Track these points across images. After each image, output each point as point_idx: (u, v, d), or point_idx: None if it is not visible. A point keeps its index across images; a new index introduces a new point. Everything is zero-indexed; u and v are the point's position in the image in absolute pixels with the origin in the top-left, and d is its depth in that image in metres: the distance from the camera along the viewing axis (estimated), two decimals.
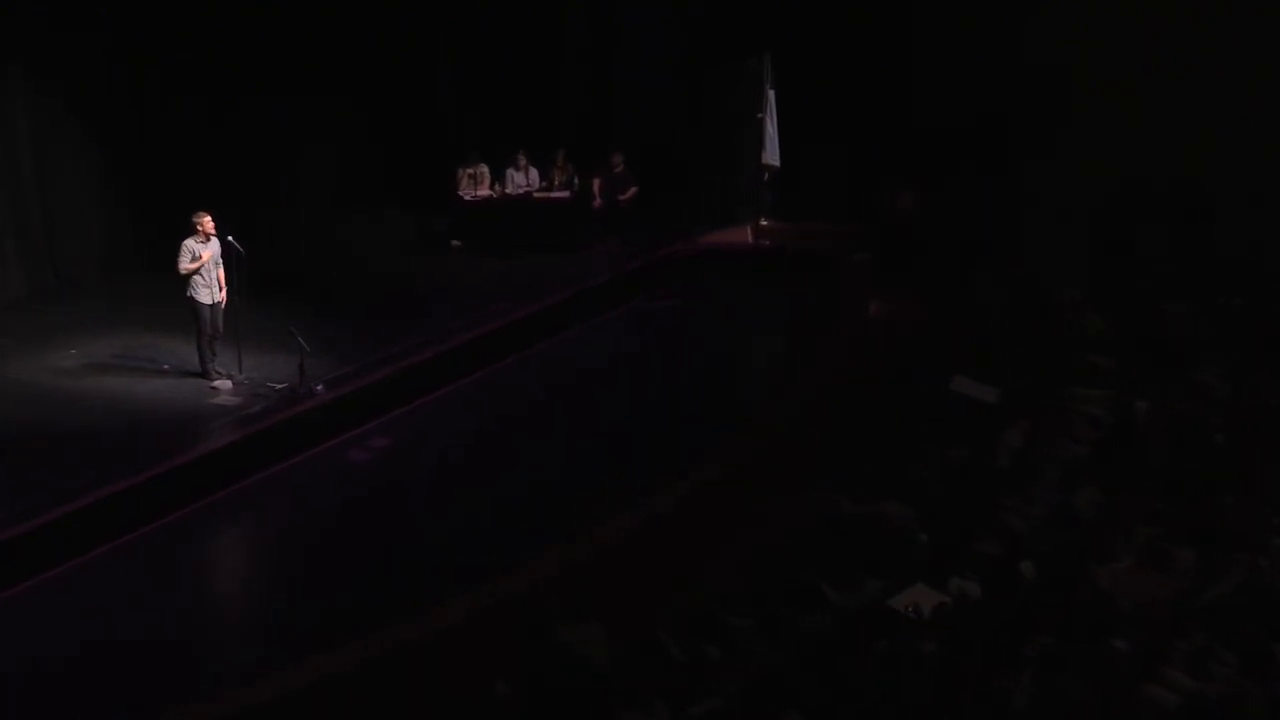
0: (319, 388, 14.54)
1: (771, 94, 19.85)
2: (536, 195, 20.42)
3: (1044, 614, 8.79)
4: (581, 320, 17.91)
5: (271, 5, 18.73)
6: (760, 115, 19.90)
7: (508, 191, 20.44)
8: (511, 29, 21.68)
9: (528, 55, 21.85)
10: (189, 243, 14.59)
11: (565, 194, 20.40)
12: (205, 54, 18.69)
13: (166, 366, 15.27)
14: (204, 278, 14.62)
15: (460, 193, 20.38)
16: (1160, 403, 12.50)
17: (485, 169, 20.54)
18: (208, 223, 14.63)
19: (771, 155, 20.01)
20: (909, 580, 9.50)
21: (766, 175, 20.23)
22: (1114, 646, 8.44)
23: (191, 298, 14.66)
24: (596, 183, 20.58)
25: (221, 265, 14.78)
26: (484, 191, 20.40)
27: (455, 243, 20.29)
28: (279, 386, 14.60)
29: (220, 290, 14.79)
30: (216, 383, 14.69)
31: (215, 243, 14.68)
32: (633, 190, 20.48)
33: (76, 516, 11.98)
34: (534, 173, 20.53)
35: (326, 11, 19.51)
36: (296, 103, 19.96)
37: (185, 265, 14.57)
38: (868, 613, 9.09)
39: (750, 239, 20.31)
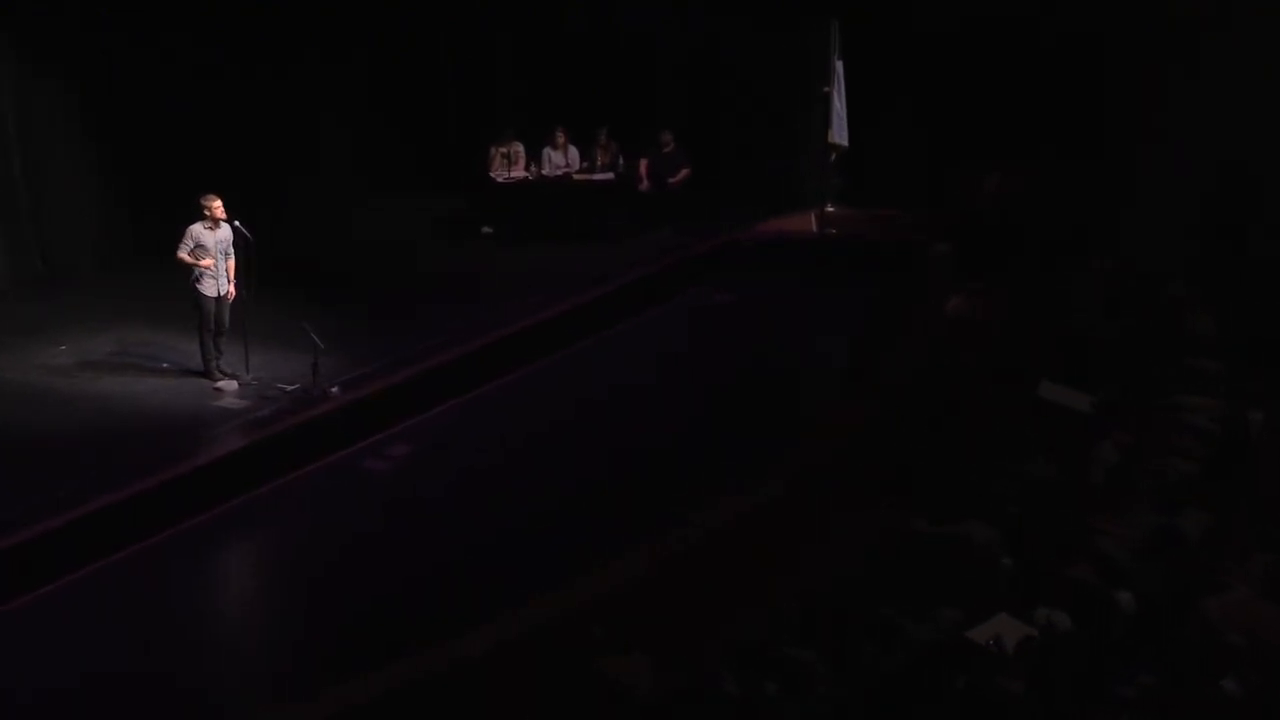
0: (333, 390, 14.59)
1: (839, 65, 19.78)
2: (577, 177, 20.44)
3: (1144, 650, 8.71)
4: (626, 317, 17.93)
5: None
6: (827, 89, 19.85)
7: (545, 173, 20.47)
8: None
9: (569, 24, 21.87)
10: (194, 228, 14.64)
11: (609, 176, 20.41)
12: (206, 24, 18.82)
13: (166, 365, 15.37)
14: (210, 266, 14.64)
15: (492, 174, 20.41)
16: (1277, 413, 12.39)
17: (520, 148, 20.57)
18: (217, 207, 14.66)
19: (839, 134, 19.95)
20: (990, 610, 9.43)
21: (833, 156, 20.18)
22: (1224, 688, 8.36)
23: (195, 289, 14.71)
24: (644, 163, 20.57)
25: (233, 256, 14.81)
26: (519, 173, 20.44)
27: (486, 229, 20.34)
28: (289, 388, 14.66)
29: (229, 283, 14.82)
30: (221, 383, 14.75)
31: (225, 230, 14.71)
32: (684, 172, 20.47)
33: (62, 531, 12.05)
34: (574, 152, 20.54)
35: None
36: (308, 75, 20.07)
37: (182, 254, 14.60)
38: (944, 646, 9.03)
39: (815, 227, 20.28)
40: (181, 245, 14.60)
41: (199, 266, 14.56)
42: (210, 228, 14.63)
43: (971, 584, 9.93)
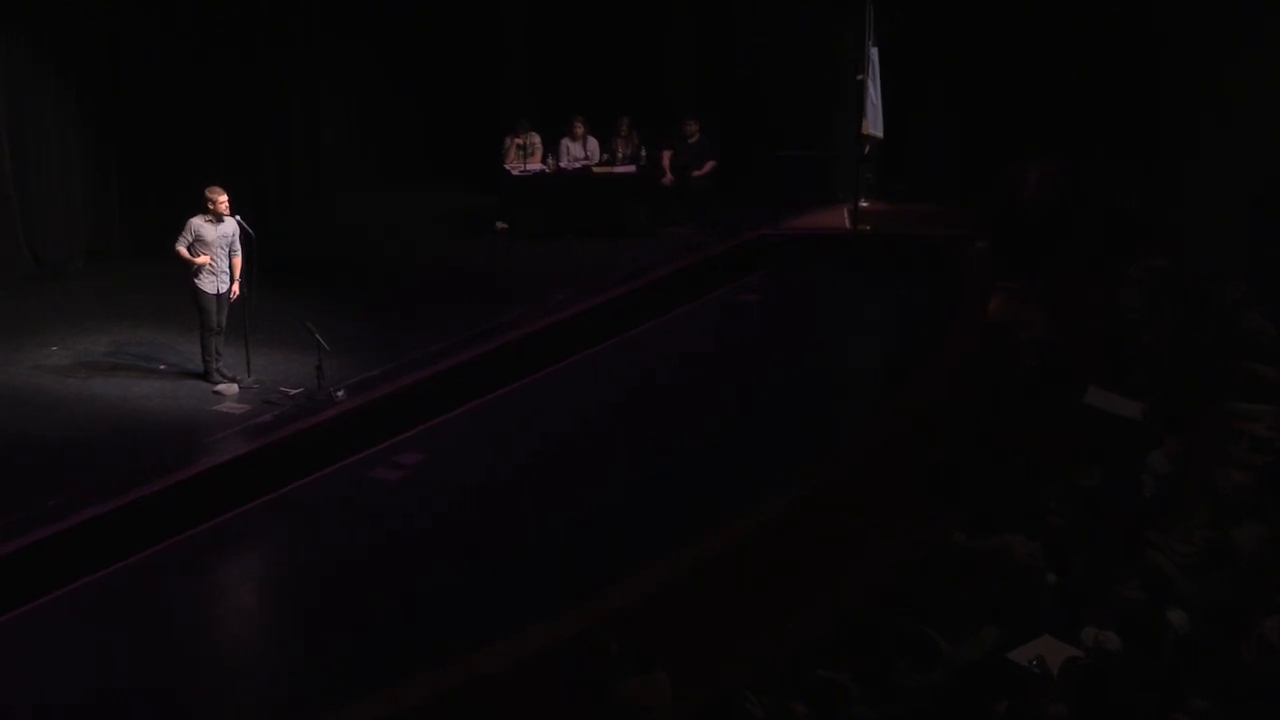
0: (340, 394, 14.57)
1: (874, 51, 19.68)
2: (596, 170, 20.41)
3: (1198, 673, 8.67)
4: (649, 318, 17.89)
5: None
6: (860, 77, 19.77)
7: (562, 165, 20.44)
8: None
9: (587, 6, 21.87)
10: (195, 221, 14.58)
11: (630, 168, 20.38)
12: (207, 8, 18.87)
13: (163, 366, 15.35)
14: (210, 261, 14.62)
15: (507, 166, 20.39)
16: None
17: (537, 139, 20.56)
18: (222, 201, 14.59)
19: (873, 124, 19.86)
20: (1034, 629, 9.41)
21: (867, 148, 20.10)
22: None
23: (194, 285, 14.69)
24: (667, 155, 20.55)
25: (240, 253, 14.77)
26: (535, 165, 20.41)
27: (501, 225, 20.32)
28: (293, 392, 14.63)
29: (232, 281, 14.79)
30: (220, 386, 14.74)
31: (230, 225, 14.67)
32: (710, 164, 20.44)
33: (51, 544, 11.99)
34: (593, 143, 20.52)
35: None
36: (312, 63, 20.10)
37: (180, 248, 14.54)
38: (984, 667, 9.00)
39: (848, 223, 20.22)
40: (180, 238, 14.55)
41: (195, 262, 14.53)
42: (212, 221, 14.59)
43: (1013, 601, 9.92)
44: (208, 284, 14.65)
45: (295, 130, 20.60)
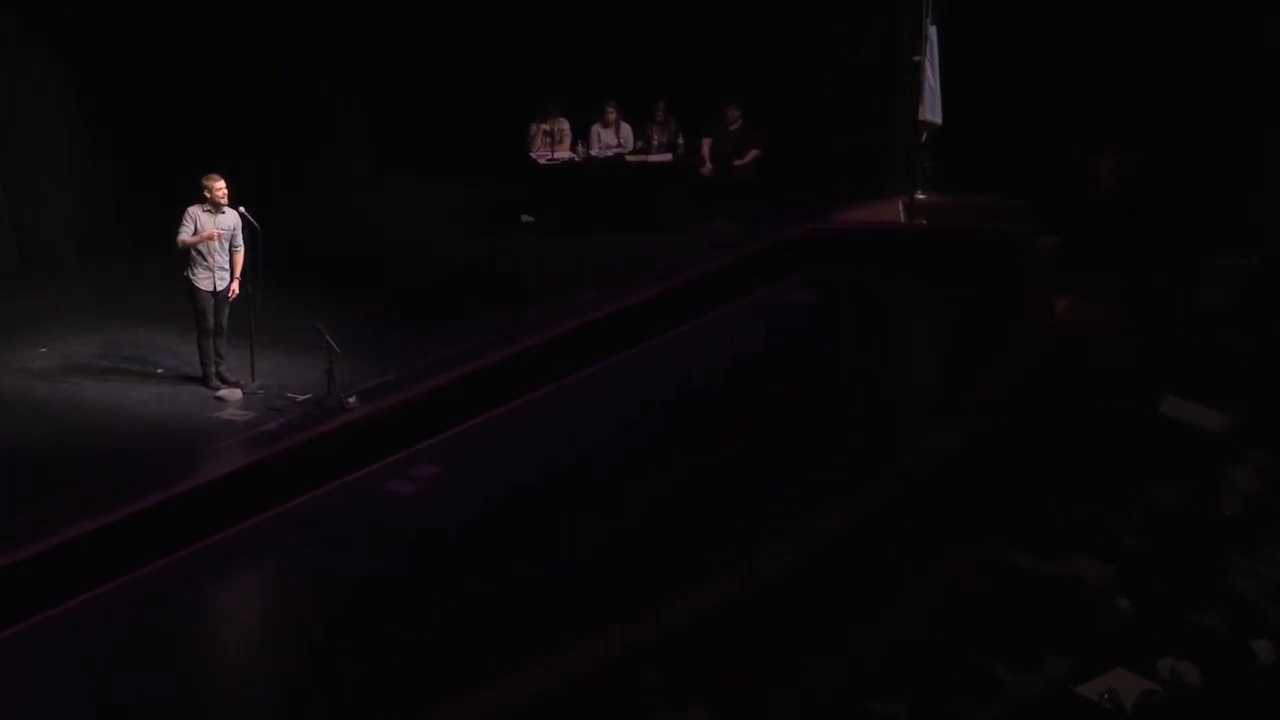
0: (351, 400, 14.60)
1: (933, 31, 19.67)
2: (630, 158, 20.42)
3: None
4: (685, 320, 17.89)
5: None
6: (917, 59, 19.76)
7: (593, 153, 20.46)
8: None
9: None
10: (193, 209, 14.63)
11: (667, 157, 20.38)
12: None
13: (161, 370, 15.41)
14: (205, 257, 14.67)
15: (534, 154, 20.43)
16: None
17: (566, 125, 20.58)
18: (219, 188, 14.64)
19: (931, 110, 19.85)
20: (1106, 660, 9.39)
21: (924, 136, 20.09)
22: None
23: (189, 280, 14.72)
24: (707, 143, 20.54)
25: (242, 248, 14.81)
26: (564, 153, 20.44)
27: (526, 217, 20.34)
28: (301, 398, 14.69)
29: (232, 279, 14.82)
30: (222, 392, 14.79)
31: (231, 217, 14.71)
32: (753, 153, 20.43)
33: (38, 562, 12.04)
34: (627, 129, 20.53)
35: None
36: (321, 43, 20.15)
37: (185, 236, 14.61)
38: (1051, 701, 8.98)
39: (903, 217, 20.21)
40: (182, 228, 14.59)
41: (200, 239, 14.50)
42: (210, 211, 14.62)
43: (1083, 630, 9.88)
44: (203, 280, 14.67)
45: (305, 117, 20.64)
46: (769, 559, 12.33)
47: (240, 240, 14.76)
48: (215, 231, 14.58)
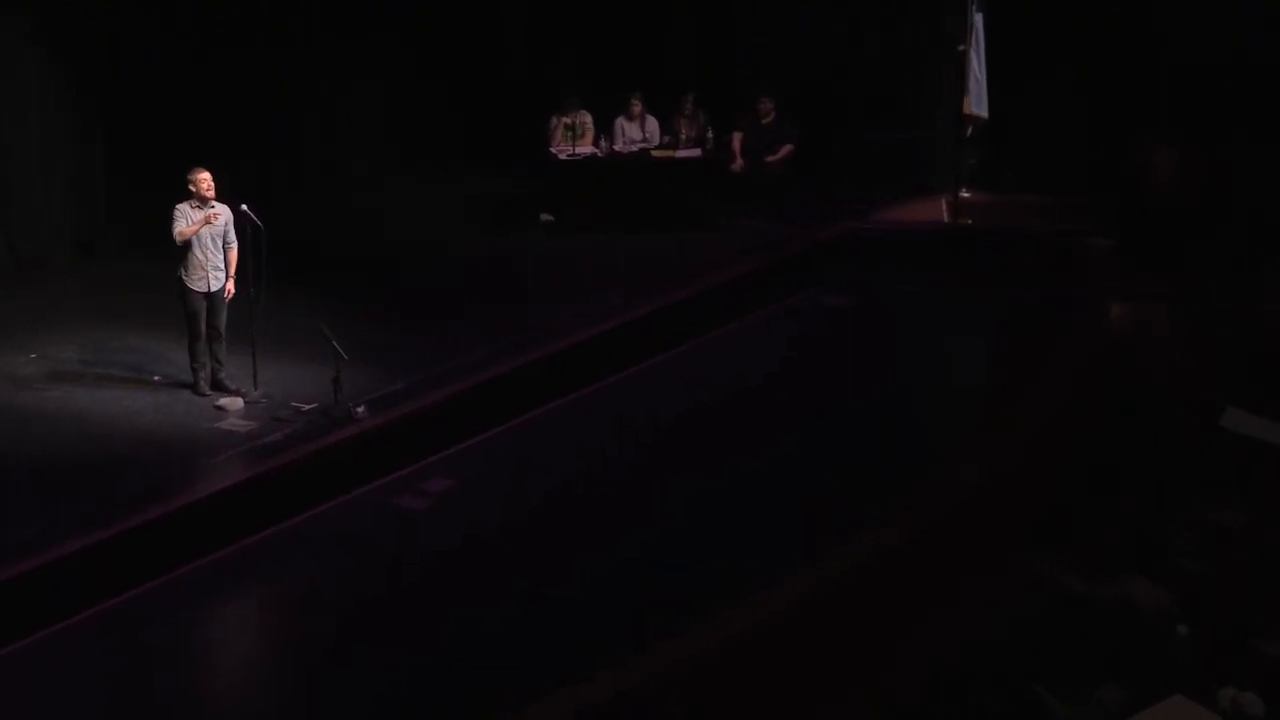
0: (359, 410, 14.61)
1: (978, 19, 19.67)
2: (656, 153, 20.44)
3: None
4: (715, 325, 17.89)
5: None
6: (963, 48, 19.74)
7: (617, 148, 20.49)
8: None
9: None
10: (182, 206, 14.68)
11: (695, 152, 20.40)
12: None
13: (157, 378, 15.44)
14: (199, 255, 14.69)
15: (554, 149, 20.45)
16: None
17: (588, 118, 20.61)
18: (203, 180, 14.67)
19: (977, 104, 19.85)
20: (1162, 690, 9.34)
21: (970, 130, 20.08)
22: None
23: (181, 281, 14.75)
24: (738, 137, 20.57)
25: (235, 245, 14.85)
26: (586, 148, 20.46)
27: (546, 216, 20.37)
28: (306, 408, 14.70)
29: (227, 278, 14.85)
30: (222, 400, 14.80)
31: (224, 212, 14.75)
32: (787, 148, 20.44)
33: (24, 581, 12.01)
34: (653, 123, 20.55)
35: None
36: (330, 32, 20.17)
37: (181, 229, 14.63)
38: None
39: (947, 216, 20.21)
40: (175, 224, 14.61)
41: (193, 232, 14.52)
42: (198, 207, 14.66)
43: (1138, 657, 9.84)
44: (197, 281, 14.70)
45: (311, 110, 20.69)
46: (802, 582, 12.28)
47: (233, 236, 14.81)
48: (212, 214, 14.61)
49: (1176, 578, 10.83)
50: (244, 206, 14.76)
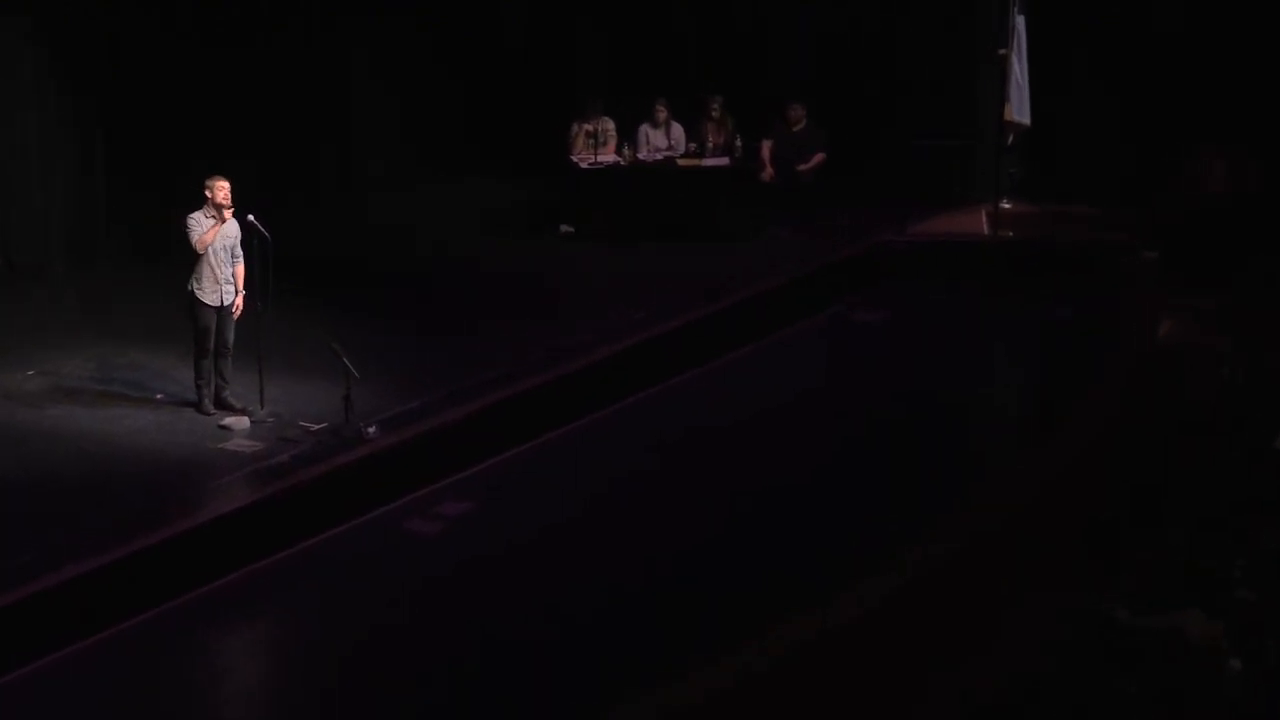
0: (370, 430, 14.60)
1: (1021, 22, 19.66)
2: (682, 161, 20.44)
3: None
4: (743, 341, 17.87)
5: None
6: (1004, 52, 19.72)
7: (641, 156, 20.48)
8: None
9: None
10: (196, 215, 14.70)
11: (723, 160, 20.39)
12: None
13: (160, 395, 15.45)
14: (213, 268, 14.68)
15: (575, 157, 20.46)
16: None
17: (611, 125, 20.62)
18: (220, 189, 14.71)
19: (1019, 110, 19.85)
20: None
21: (1011, 138, 20.08)
22: None
23: (193, 294, 14.77)
24: (768, 145, 20.57)
25: (241, 258, 14.86)
26: (608, 156, 20.46)
27: (565, 227, 20.36)
28: (315, 427, 14.69)
29: (236, 293, 14.84)
30: (228, 420, 14.79)
31: (233, 225, 14.76)
32: (818, 157, 20.44)
33: (21, 609, 11.99)
34: (678, 130, 20.55)
35: None
36: (341, 34, 20.16)
37: (200, 236, 14.63)
38: None
39: (986, 228, 20.19)
40: (192, 233, 14.62)
41: (214, 239, 14.53)
42: (213, 218, 14.65)
43: (1189, 692, 9.78)
44: (210, 295, 14.73)
45: (322, 116, 20.70)
46: (834, 610, 12.24)
47: (240, 250, 14.80)
48: (228, 214, 14.61)
49: (1230, 609, 10.78)
50: (251, 217, 14.76)
